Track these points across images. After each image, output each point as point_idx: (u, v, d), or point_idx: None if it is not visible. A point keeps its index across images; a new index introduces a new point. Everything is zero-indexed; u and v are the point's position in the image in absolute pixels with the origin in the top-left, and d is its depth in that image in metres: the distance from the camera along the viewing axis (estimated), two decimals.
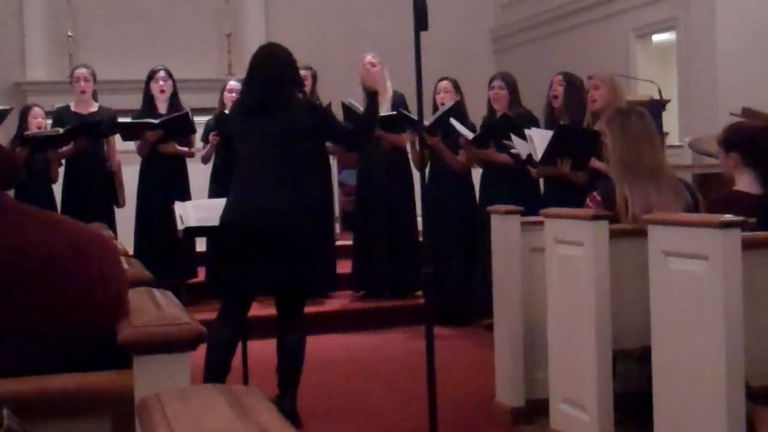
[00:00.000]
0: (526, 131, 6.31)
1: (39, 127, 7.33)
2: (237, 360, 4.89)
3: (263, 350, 5.31)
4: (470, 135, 6.90)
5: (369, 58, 7.60)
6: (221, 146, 5.21)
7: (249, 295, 4.85)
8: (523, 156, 6.32)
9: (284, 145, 4.71)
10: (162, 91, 7.51)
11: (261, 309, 5.62)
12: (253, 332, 5.11)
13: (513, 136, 6.44)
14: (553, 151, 5.96)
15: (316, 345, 6.52)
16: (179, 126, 7.33)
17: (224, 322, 4.72)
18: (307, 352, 4.90)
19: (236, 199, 4.75)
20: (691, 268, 3.46)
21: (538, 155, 6.08)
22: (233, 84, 7.38)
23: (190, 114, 7.31)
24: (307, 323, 4.96)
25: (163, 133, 7.28)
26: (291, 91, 4.89)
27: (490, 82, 7.20)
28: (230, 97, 7.12)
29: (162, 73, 7.55)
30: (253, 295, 4.90)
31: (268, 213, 4.61)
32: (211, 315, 4.86)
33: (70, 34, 11.16)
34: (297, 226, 4.70)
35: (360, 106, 7.46)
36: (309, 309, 7.25)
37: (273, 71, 4.81)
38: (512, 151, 6.53)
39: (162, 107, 7.53)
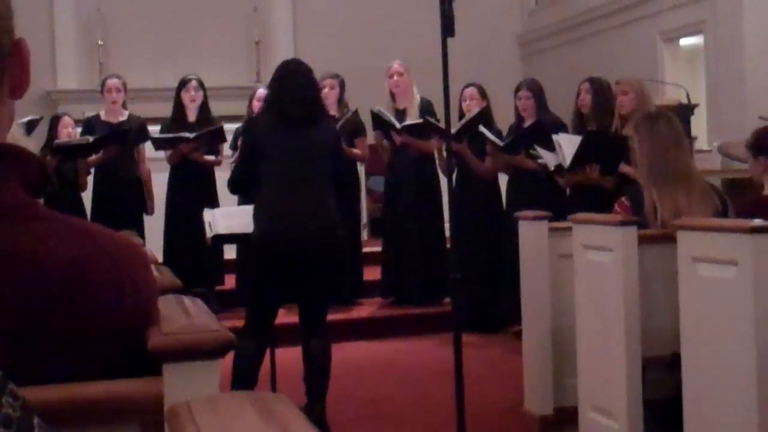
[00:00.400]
0: (554, 137, 6.31)
1: (69, 136, 7.39)
2: (265, 367, 4.90)
3: (291, 358, 5.32)
4: (499, 142, 6.90)
5: (396, 66, 7.62)
6: (244, 152, 5.20)
7: (276, 308, 4.88)
8: (551, 167, 6.31)
9: (311, 161, 4.76)
10: (192, 101, 7.56)
11: (289, 316, 5.64)
12: (281, 340, 5.12)
13: (539, 149, 6.44)
14: (581, 156, 5.95)
15: (345, 352, 6.53)
16: (211, 138, 7.41)
17: (251, 335, 4.74)
18: (335, 359, 4.91)
19: (267, 215, 4.77)
20: (721, 273, 3.44)
21: (567, 161, 6.07)
22: (262, 92, 7.41)
23: (223, 128, 7.38)
24: (334, 330, 4.99)
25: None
26: (319, 109, 4.95)
27: (516, 91, 7.19)
28: (258, 105, 7.15)
29: (194, 83, 7.60)
30: (279, 308, 4.93)
31: (300, 228, 4.66)
32: (240, 322, 4.89)
33: (100, 42, 11.24)
34: (326, 240, 4.74)
35: (388, 111, 7.49)
36: (337, 316, 7.32)
37: (302, 89, 4.83)
38: (540, 161, 6.53)
39: (192, 116, 7.58)
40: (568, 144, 6.13)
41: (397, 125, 7.35)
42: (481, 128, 6.95)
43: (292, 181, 4.74)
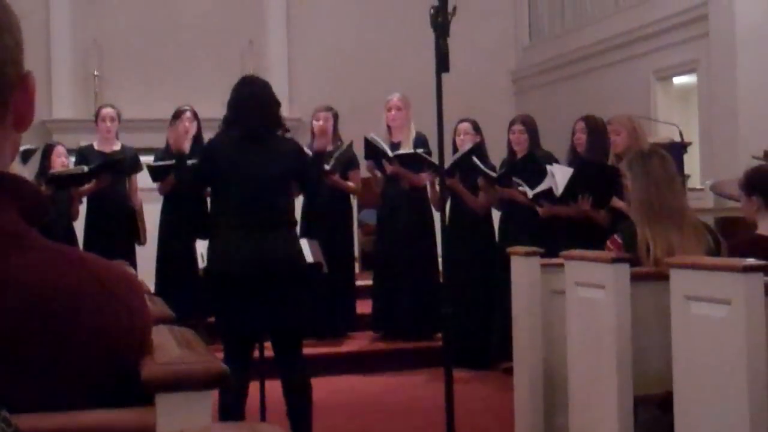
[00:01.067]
0: (548, 167, 6.35)
1: (63, 165, 7.39)
2: (255, 400, 4.87)
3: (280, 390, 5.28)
4: (492, 174, 6.93)
5: (395, 101, 7.64)
6: (199, 170, 5.08)
7: (250, 340, 4.79)
8: (530, 195, 6.36)
9: (271, 183, 4.65)
10: (187, 131, 7.57)
11: None
12: (271, 372, 5.09)
13: (518, 180, 6.51)
14: (574, 186, 5.97)
15: (334, 386, 6.51)
16: None
17: (230, 369, 4.67)
18: (324, 393, 4.88)
19: (224, 245, 4.64)
20: (714, 312, 3.44)
21: (560, 191, 6.09)
22: None
23: None
24: (323, 364, 4.95)
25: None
26: (277, 128, 4.83)
27: (511, 125, 7.22)
28: None
29: (188, 114, 7.62)
30: (253, 340, 4.84)
31: (259, 258, 4.55)
32: None
33: (96, 72, 11.28)
34: (288, 269, 4.64)
35: (383, 142, 7.51)
36: (327, 349, 7.32)
37: (260, 107, 4.74)
38: (519, 188, 6.56)
39: (186, 147, 7.58)
40: (561, 174, 6.15)
41: (390, 153, 7.37)
42: (474, 160, 6.97)
43: (250, 208, 4.60)
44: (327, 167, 7.41)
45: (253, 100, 4.75)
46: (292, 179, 4.82)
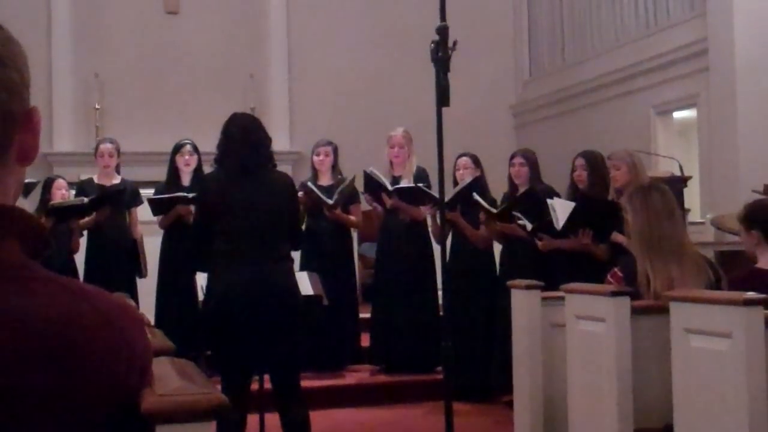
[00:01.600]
0: (549, 201, 6.35)
1: (63, 198, 7.40)
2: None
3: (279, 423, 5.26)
4: (493, 210, 6.93)
5: (398, 138, 7.65)
6: (198, 215, 5.09)
7: (248, 373, 4.78)
8: (528, 228, 6.36)
9: (267, 219, 4.66)
10: (187, 165, 7.61)
11: None
12: (271, 406, 5.07)
13: (516, 213, 6.50)
14: (574, 220, 5.98)
15: (333, 419, 6.48)
16: None
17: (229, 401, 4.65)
18: (324, 426, 4.86)
19: (222, 279, 4.63)
20: (714, 345, 3.44)
21: (560, 225, 6.10)
22: None
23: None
24: (323, 397, 4.92)
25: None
26: (270, 162, 4.84)
27: (511, 158, 7.24)
28: None
29: (188, 147, 7.64)
30: (251, 373, 4.83)
31: (255, 295, 4.54)
32: None
33: (97, 106, 11.32)
34: (283, 304, 4.63)
35: (384, 176, 7.53)
36: (327, 382, 7.30)
37: (250, 143, 4.74)
38: (519, 222, 6.56)
39: (186, 180, 7.61)
40: (562, 209, 6.16)
41: (389, 187, 7.38)
42: (475, 196, 6.98)
43: (245, 241, 4.60)
44: (330, 201, 7.43)
45: (242, 137, 4.75)
46: (287, 211, 4.81)
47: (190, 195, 7.30)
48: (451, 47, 4.31)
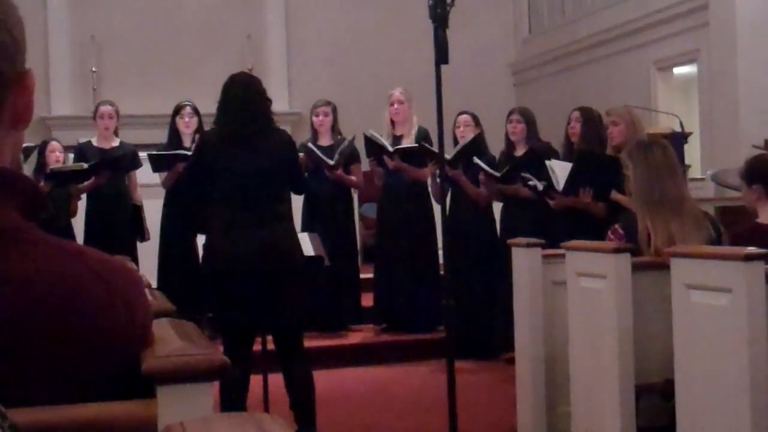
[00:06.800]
0: (547, 162, 6.34)
1: (57, 161, 7.37)
2: (258, 394, 4.87)
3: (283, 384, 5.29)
4: (496, 174, 6.91)
5: (397, 95, 7.62)
6: (192, 168, 5.08)
7: (250, 335, 4.79)
8: (540, 188, 6.34)
9: (265, 179, 4.64)
10: (187, 127, 7.59)
11: None
12: (274, 366, 5.09)
13: (525, 175, 6.49)
14: (574, 179, 5.96)
15: (337, 378, 6.52)
16: None
17: (231, 363, 4.66)
18: (327, 386, 4.88)
19: (220, 242, 4.64)
20: (715, 301, 3.45)
21: (560, 186, 6.08)
22: None
23: None
24: (326, 356, 4.94)
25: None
26: (270, 121, 4.81)
27: (508, 116, 7.22)
28: None
29: (188, 109, 7.62)
30: (253, 334, 4.84)
31: (256, 254, 4.55)
32: None
33: (94, 69, 11.27)
34: (284, 264, 4.64)
35: (385, 136, 7.51)
36: (330, 342, 7.33)
37: (252, 101, 4.73)
38: (530, 183, 6.55)
39: (187, 141, 7.58)
40: (561, 170, 6.15)
41: (390, 149, 7.36)
42: (476, 160, 6.97)
43: (245, 205, 4.61)
44: (331, 162, 7.41)
45: (241, 99, 4.72)
46: (284, 172, 4.79)
47: (189, 153, 7.27)
48: (449, 3, 4.27)
